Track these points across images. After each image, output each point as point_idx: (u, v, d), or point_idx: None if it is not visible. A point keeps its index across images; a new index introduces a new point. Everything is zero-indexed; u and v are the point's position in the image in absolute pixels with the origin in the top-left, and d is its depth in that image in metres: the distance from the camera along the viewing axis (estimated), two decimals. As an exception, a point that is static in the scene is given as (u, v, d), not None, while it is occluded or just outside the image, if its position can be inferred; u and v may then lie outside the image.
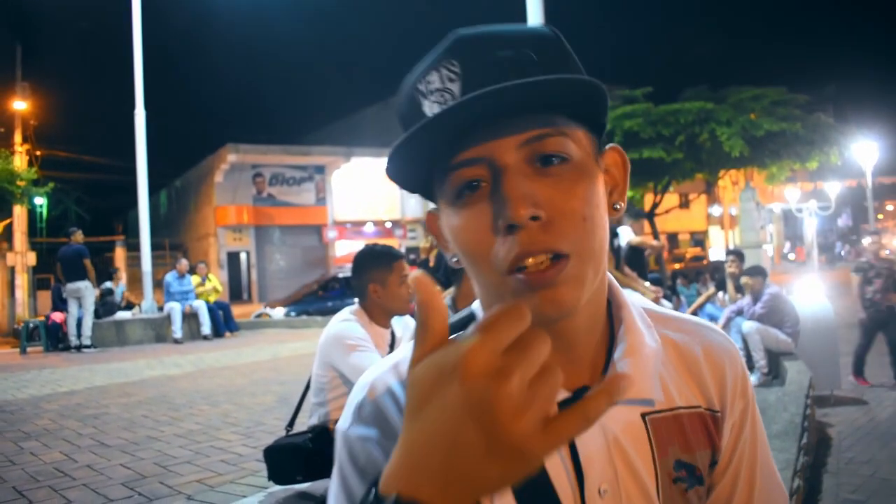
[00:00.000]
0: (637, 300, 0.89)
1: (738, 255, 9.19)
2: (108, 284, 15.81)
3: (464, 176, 0.72)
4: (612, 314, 0.85)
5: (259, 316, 19.41)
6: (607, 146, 0.81)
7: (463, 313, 0.90)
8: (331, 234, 32.71)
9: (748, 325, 7.40)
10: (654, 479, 0.80)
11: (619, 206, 0.81)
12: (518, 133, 0.71)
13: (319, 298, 20.83)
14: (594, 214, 0.73)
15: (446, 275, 5.68)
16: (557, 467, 0.77)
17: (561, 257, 0.70)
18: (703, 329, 0.91)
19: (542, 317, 0.69)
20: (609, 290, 0.84)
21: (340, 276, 22.48)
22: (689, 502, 0.83)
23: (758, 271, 7.84)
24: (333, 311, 6.77)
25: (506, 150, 0.71)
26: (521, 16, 7.73)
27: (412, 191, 0.81)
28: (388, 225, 33.88)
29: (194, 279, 14.72)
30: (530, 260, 0.70)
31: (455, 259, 0.79)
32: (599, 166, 0.78)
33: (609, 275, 0.83)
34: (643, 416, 0.81)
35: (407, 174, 0.77)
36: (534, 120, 0.71)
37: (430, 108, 0.73)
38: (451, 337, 0.54)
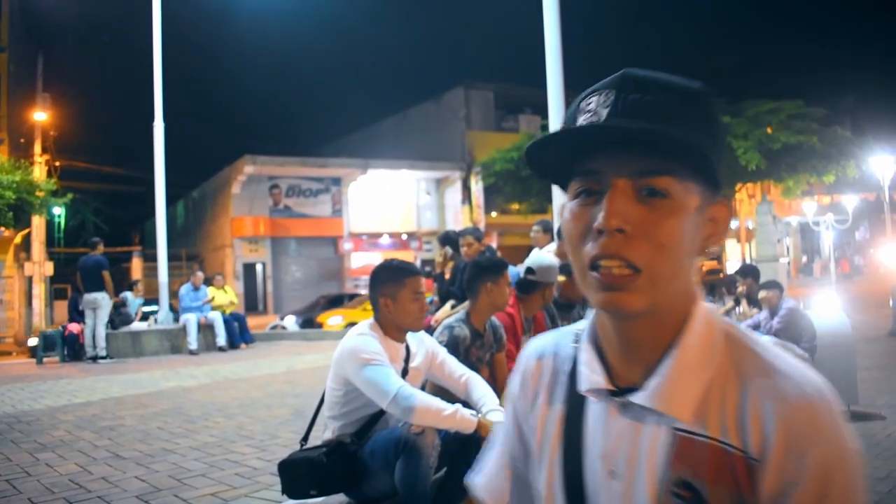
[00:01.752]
0: (731, 327, 0.95)
1: (747, 274, 9.13)
2: (127, 294, 15.89)
3: (584, 182, 0.90)
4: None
5: (274, 328, 19.46)
6: (720, 199, 0.93)
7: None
8: (347, 245, 32.76)
9: (765, 340, 7.35)
10: (656, 485, 0.89)
11: (711, 249, 0.94)
12: (634, 164, 0.86)
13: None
14: (674, 247, 0.86)
15: (461, 288, 5.68)
16: (590, 440, 0.97)
17: (635, 269, 0.84)
18: (786, 375, 0.87)
19: (606, 312, 0.91)
20: (690, 312, 0.92)
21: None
22: None
23: (774, 285, 7.78)
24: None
25: (620, 173, 0.86)
26: (537, 26, 7.73)
27: (544, 177, 0.97)
28: (404, 237, 33.91)
29: (211, 290, 14.79)
30: (604, 262, 0.85)
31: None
32: (703, 213, 0.90)
33: (702, 302, 0.94)
34: (674, 430, 0.89)
35: (545, 165, 0.93)
36: (652, 159, 0.85)
37: (581, 122, 0.90)
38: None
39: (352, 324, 13.70)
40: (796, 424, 0.82)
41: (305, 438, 3.90)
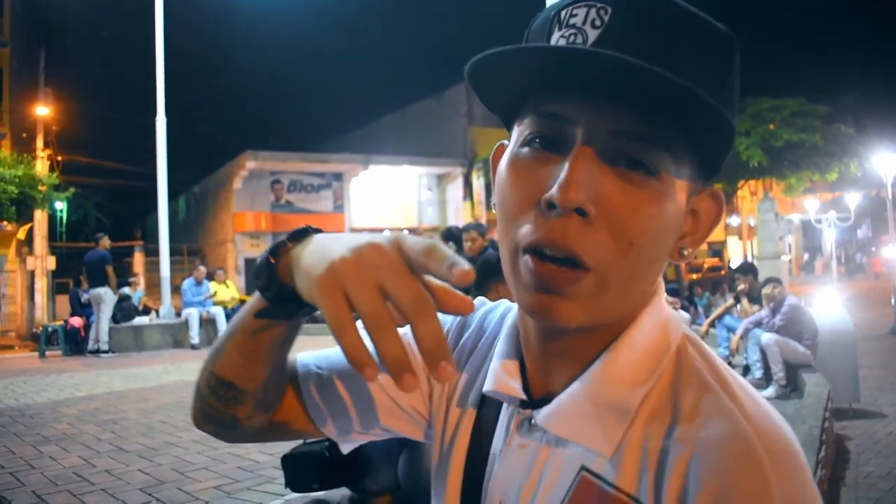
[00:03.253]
0: (688, 342, 0.70)
1: (746, 271, 9.15)
2: (125, 290, 15.92)
3: (541, 127, 0.64)
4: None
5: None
6: (708, 188, 0.70)
7: None
8: (348, 241, 32.77)
9: (767, 337, 7.35)
10: None
11: (686, 252, 0.69)
12: (621, 119, 0.61)
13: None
14: (645, 245, 0.62)
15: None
16: (494, 453, 0.76)
17: (577, 266, 0.61)
18: (734, 417, 0.61)
19: (532, 317, 0.67)
20: (636, 322, 0.69)
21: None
22: None
23: (777, 281, 7.80)
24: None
25: (599, 127, 0.61)
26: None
27: (490, 107, 0.71)
28: (406, 233, 33.86)
29: (213, 285, 14.80)
30: (548, 249, 0.61)
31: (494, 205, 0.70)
32: (687, 204, 0.66)
33: (657, 307, 0.70)
34: (581, 468, 0.67)
35: (494, 89, 0.67)
36: (646, 119, 0.60)
37: (556, 39, 0.64)
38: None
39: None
40: (734, 492, 0.57)
41: (308, 432, 3.91)
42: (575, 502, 0.66)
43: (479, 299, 0.90)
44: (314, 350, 0.91)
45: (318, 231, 0.68)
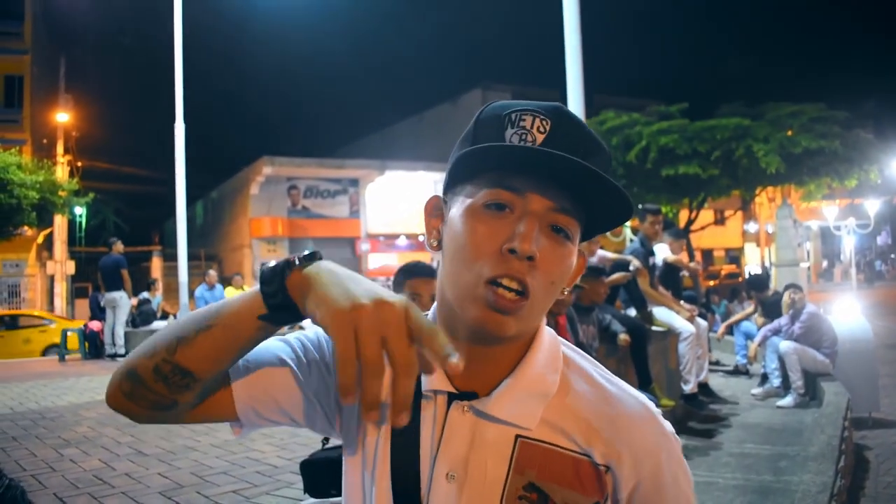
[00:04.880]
0: (567, 347, 1.01)
1: (753, 286, 9.12)
2: (144, 294, 16.06)
3: (503, 198, 0.88)
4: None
5: (292, 327, 19.54)
6: (580, 250, 0.96)
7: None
8: (364, 246, 32.84)
9: (785, 345, 7.30)
10: (501, 489, 0.90)
11: (564, 293, 0.96)
12: (556, 200, 0.87)
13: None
14: (557, 284, 0.90)
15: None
16: (426, 441, 0.94)
17: (523, 295, 0.86)
18: (625, 397, 0.97)
19: (482, 332, 0.88)
20: (539, 334, 0.96)
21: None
22: None
23: (797, 288, 7.74)
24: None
25: (542, 203, 0.87)
26: (558, 30, 7.73)
27: (451, 178, 0.95)
28: (421, 238, 33.92)
29: (230, 290, 14.89)
30: (506, 281, 0.85)
31: (433, 243, 0.99)
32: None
33: (546, 328, 0.98)
34: (517, 436, 0.92)
35: (457, 164, 0.93)
36: (569, 198, 0.88)
37: (511, 136, 0.90)
38: None
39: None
40: (633, 436, 0.93)
41: (327, 438, 3.93)
42: (525, 460, 0.91)
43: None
44: None
45: (321, 257, 0.84)
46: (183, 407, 0.91)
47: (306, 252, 0.84)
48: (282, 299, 0.80)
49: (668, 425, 0.97)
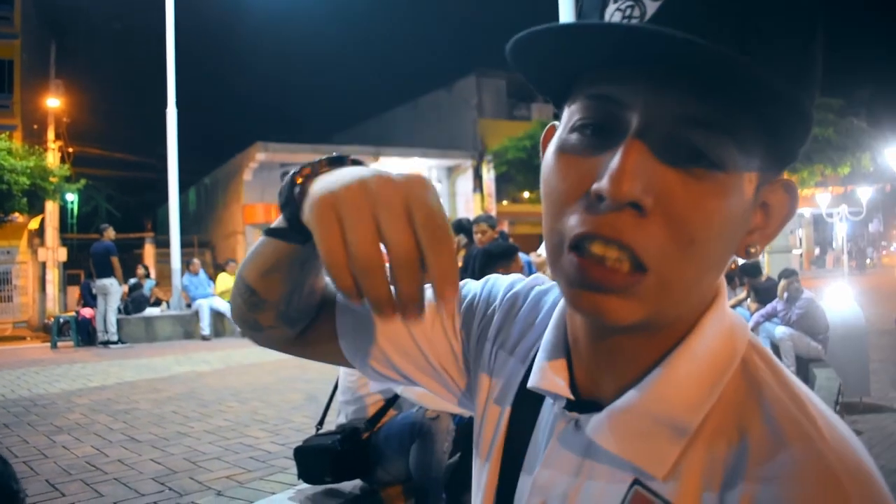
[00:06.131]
0: (754, 350, 0.65)
1: (748, 271, 9.15)
2: (133, 280, 16.00)
3: (592, 111, 0.57)
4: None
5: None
6: (780, 178, 0.62)
7: None
8: (357, 233, 32.84)
9: (782, 331, 7.33)
10: None
11: (753, 250, 0.62)
12: (683, 104, 0.54)
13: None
14: (709, 243, 0.56)
15: (474, 276, 5.69)
16: (533, 450, 0.72)
17: (641, 268, 0.55)
18: (811, 441, 0.55)
19: (580, 314, 0.63)
20: (702, 323, 0.63)
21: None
22: None
23: (793, 273, 7.77)
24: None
25: (658, 112, 0.54)
26: (553, 16, 7.71)
27: (537, 88, 0.64)
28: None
29: (224, 277, 14.85)
30: (595, 246, 0.55)
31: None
32: (756, 198, 0.59)
33: (721, 309, 0.64)
34: (635, 482, 0.62)
35: (540, 70, 0.61)
36: (712, 105, 0.53)
37: (611, 11, 0.56)
38: None
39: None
40: None
41: (321, 423, 3.93)
42: None
43: (536, 276, 0.87)
44: None
45: (359, 163, 0.65)
46: (271, 332, 0.83)
47: (334, 156, 0.67)
48: (292, 210, 0.63)
49: None
